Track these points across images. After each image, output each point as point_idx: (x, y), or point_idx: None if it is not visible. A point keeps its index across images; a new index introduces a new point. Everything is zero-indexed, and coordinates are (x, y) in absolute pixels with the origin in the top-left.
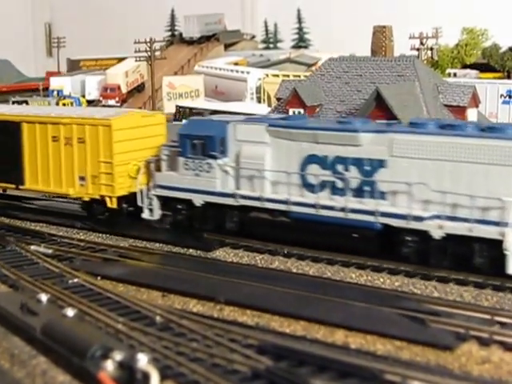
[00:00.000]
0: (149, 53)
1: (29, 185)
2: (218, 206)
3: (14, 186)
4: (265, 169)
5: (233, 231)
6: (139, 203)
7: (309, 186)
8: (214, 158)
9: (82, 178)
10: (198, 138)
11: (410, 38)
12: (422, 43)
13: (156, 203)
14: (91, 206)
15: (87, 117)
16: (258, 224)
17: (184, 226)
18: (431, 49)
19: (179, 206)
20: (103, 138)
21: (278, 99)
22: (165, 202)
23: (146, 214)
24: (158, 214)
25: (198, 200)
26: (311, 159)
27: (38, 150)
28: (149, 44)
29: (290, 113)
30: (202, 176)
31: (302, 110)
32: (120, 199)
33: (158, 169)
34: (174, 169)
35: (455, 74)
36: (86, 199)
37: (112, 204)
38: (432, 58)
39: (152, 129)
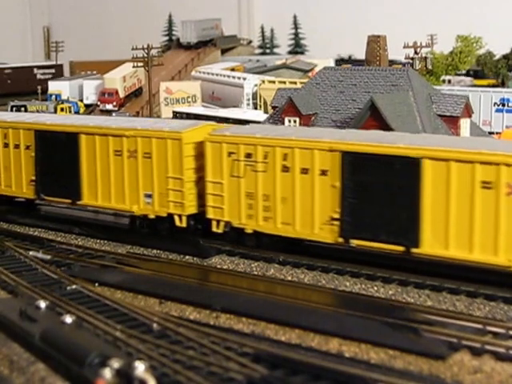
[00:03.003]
0: (146, 59)
1: (431, 248)
2: None
3: (400, 248)
4: None
5: None
6: None
7: None
8: None
9: None
10: None
11: (405, 47)
12: (416, 52)
13: None
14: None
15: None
16: None
17: None
18: (425, 58)
19: None
20: None
21: (274, 107)
22: None
23: None
24: None
25: None
26: None
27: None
28: (146, 50)
29: (286, 122)
30: None
31: (297, 119)
32: None
33: None
34: None
35: (450, 81)
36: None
37: None
38: (426, 67)
39: None
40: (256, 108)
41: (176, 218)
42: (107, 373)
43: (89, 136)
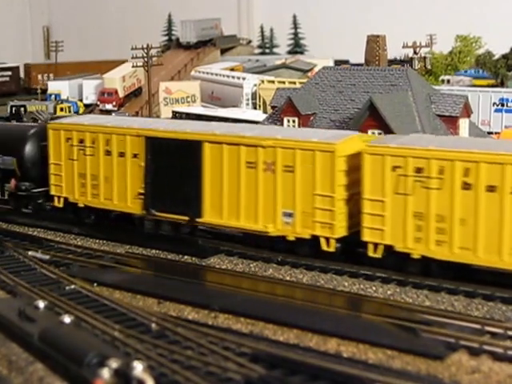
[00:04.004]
0: (146, 59)
1: None
2: None
3: None
4: None
5: None
6: None
7: None
8: None
9: None
10: None
11: (404, 47)
12: (415, 52)
13: None
14: None
15: None
16: None
17: None
18: (424, 58)
19: None
20: None
21: (273, 107)
22: None
23: None
24: None
25: None
26: None
27: None
28: (146, 50)
29: (285, 122)
30: None
31: (296, 119)
32: None
33: None
34: None
35: (449, 81)
36: None
37: None
38: (425, 66)
39: None
40: (255, 108)
41: (322, 240)
42: (105, 373)
43: (215, 145)
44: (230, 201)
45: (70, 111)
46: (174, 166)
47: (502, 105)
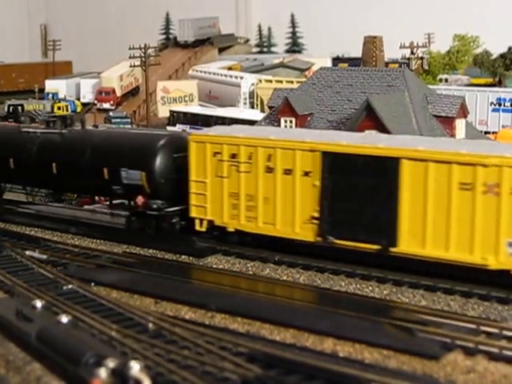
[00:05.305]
0: (143, 58)
1: None
2: None
3: None
4: None
5: None
6: None
7: None
8: None
9: None
10: None
11: (401, 47)
12: (412, 52)
13: None
14: None
15: None
16: None
17: None
18: (421, 58)
19: None
20: None
21: (270, 107)
22: None
23: None
24: None
25: None
26: None
27: None
28: (143, 50)
29: (282, 122)
30: None
31: (293, 119)
32: None
33: None
34: None
35: (447, 80)
36: None
37: None
38: (422, 67)
39: None
40: (253, 107)
41: None
42: (103, 372)
43: (416, 162)
44: (436, 228)
45: (67, 110)
46: (359, 187)
47: (500, 104)
